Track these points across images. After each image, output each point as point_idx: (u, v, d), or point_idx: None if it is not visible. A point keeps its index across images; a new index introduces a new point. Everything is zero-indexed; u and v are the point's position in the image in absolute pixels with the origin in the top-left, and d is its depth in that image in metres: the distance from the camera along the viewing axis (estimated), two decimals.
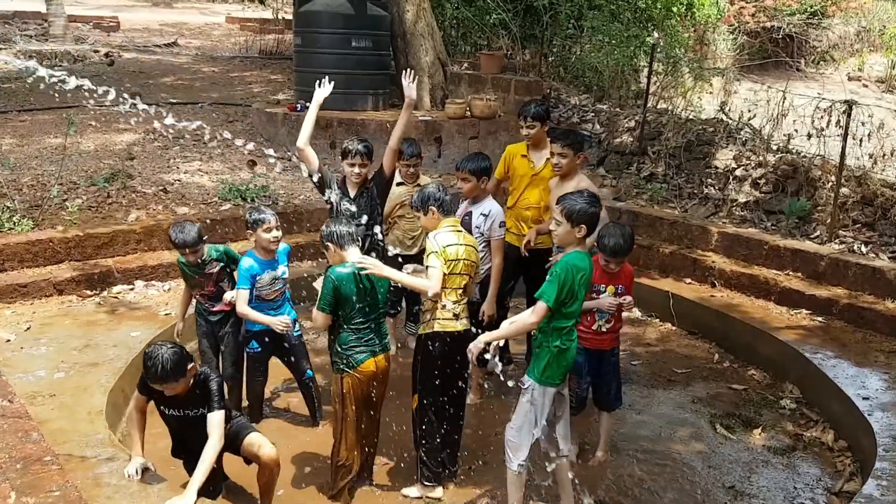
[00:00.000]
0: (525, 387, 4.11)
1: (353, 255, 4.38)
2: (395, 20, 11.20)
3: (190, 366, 3.95)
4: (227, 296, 5.18)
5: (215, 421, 4.01)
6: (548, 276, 3.97)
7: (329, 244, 4.44)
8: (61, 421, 4.67)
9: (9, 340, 5.67)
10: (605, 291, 4.74)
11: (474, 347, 4.07)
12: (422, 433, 4.60)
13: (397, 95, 11.59)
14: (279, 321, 5.04)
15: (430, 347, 4.48)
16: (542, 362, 4.07)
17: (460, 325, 4.51)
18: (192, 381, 4.02)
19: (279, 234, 5.10)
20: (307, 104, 10.32)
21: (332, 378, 4.56)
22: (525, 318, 4.09)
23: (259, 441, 4.21)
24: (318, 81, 5.42)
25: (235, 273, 5.27)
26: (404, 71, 5.45)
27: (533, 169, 5.74)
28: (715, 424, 5.52)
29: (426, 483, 4.61)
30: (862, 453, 4.96)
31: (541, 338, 4.09)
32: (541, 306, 3.93)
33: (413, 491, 4.64)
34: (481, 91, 10.93)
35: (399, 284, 4.57)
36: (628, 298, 4.77)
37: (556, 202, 4.15)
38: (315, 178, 5.27)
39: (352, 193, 5.31)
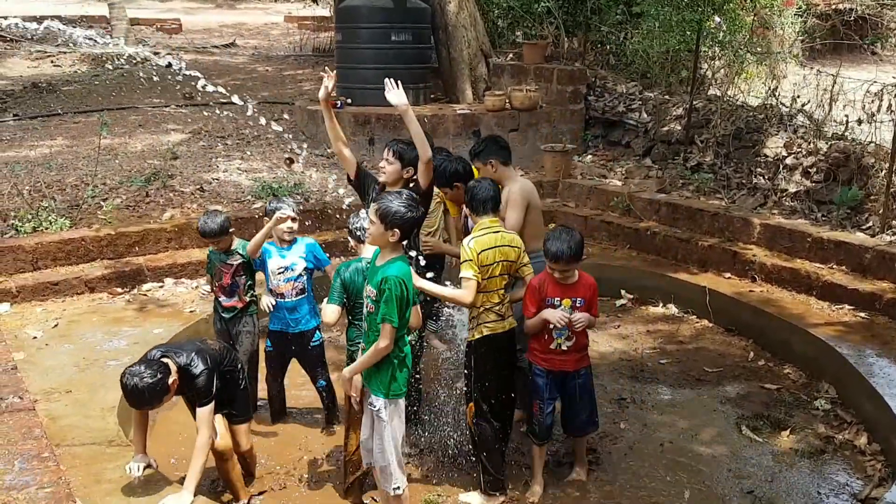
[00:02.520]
0: (376, 408, 3.90)
1: (367, 251, 4.34)
2: (436, 12, 11.11)
3: (171, 380, 3.90)
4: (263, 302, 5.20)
5: (202, 417, 4.03)
6: (382, 297, 3.75)
7: (350, 238, 4.52)
8: (74, 417, 4.75)
9: (35, 337, 5.82)
10: (560, 305, 4.35)
11: (348, 385, 4.03)
12: (481, 441, 4.47)
13: (439, 89, 11.54)
14: (265, 299, 5.10)
15: (481, 352, 4.38)
16: (385, 376, 3.88)
17: (507, 324, 4.41)
18: (176, 387, 4.00)
19: (294, 226, 5.09)
20: (347, 101, 10.43)
21: None
22: (377, 345, 3.82)
23: (238, 433, 4.44)
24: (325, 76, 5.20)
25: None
26: (386, 79, 4.72)
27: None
28: (741, 426, 5.27)
29: (490, 492, 4.48)
30: (895, 457, 4.66)
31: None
32: (388, 329, 3.76)
33: (474, 498, 4.51)
34: (524, 82, 10.75)
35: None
36: (580, 316, 4.29)
37: (374, 200, 3.86)
38: (353, 179, 4.96)
39: None
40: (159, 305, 6.51)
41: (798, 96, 8.99)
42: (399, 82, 4.64)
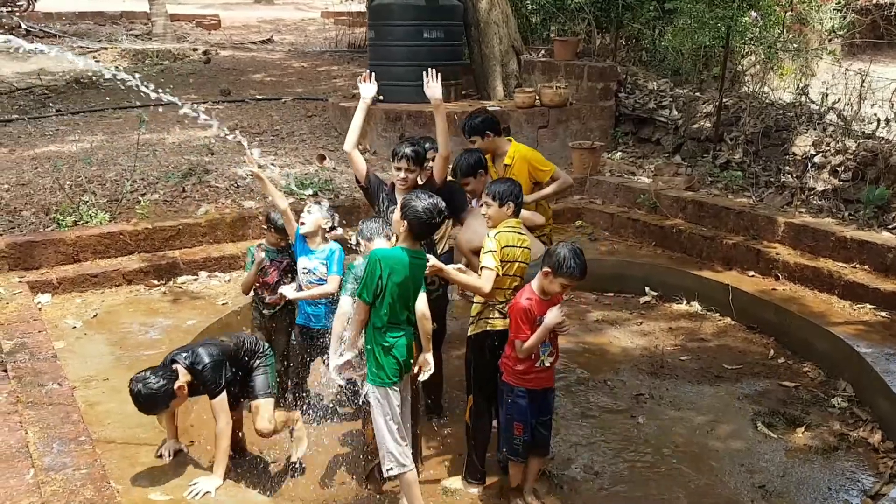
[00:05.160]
0: (366, 394, 4.14)
1: (378, 245, 4.51)
2: (468, 9, 11.25)
3: (177, 385, 4.10)
4: (283, 289, 5.35)
5: (216, 407, 4.22)
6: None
7: (360, 240, 4.62)
8: (110, 403, 4.96)
9: (75, 327, 6.07)
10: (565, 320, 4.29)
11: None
12: (475, 432, 4.65)
13: (471, 85, 11.67)
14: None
15: (481, 347, 4.52)
16: (371, 364, 4.13)
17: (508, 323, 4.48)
18: (188, 388, 4.19)
19: (303, 216, 5.20)
20: (380, 98, 10.60)
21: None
22: (353, 317, 4.18)
23: (259, 410, 4.53)
24: (359, 77, 5.27)
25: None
26: (425, 71, 5.01)
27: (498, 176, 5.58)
28: (757, 422, 5.35)
29: (470, 480, 4.67)
30: None
31: (366, 340, 4.16)
32: (357, 303, 4.09)
33: (455, 483, 4.70)
34: (554, 78, 10.83)
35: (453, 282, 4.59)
36: (567, 322, 4.30)
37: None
38: (362, 184, 5.23)
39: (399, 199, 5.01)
40: (193, 297, 6.74)
41: (827, 94, 8.96)
42: (439, 75, 4.86)
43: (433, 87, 4.88)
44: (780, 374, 6.07)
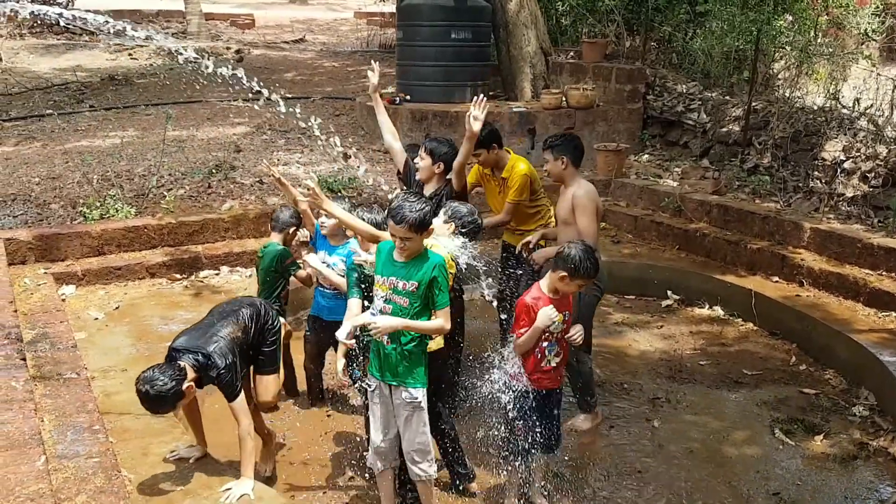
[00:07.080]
0: (418, 399, 3.94)
1: (373, 246, 4.51)
2: (497, 10, 11.22)
3: (186, 386, 3.95)
4: (308, 257, 5.33)
5: (237, 409, 4.13)
6: (435, 285, 3.79)
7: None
8: (127, 394, 4.97)
9: (97, 319, 6.16)
10: (555, 321, 4.13)
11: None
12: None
13: (498, 86, 11.64)
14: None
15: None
16: (420, 367, 3.95)
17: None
18: (195, 388, 4.09)
19: (326, 221, 5.19)
20: (406, 97, 10.62)
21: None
22: (442, 326, 3.85)
23: (264, 384, 4.54)
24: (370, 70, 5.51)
25: None
26: (476, 97, 4.91)
27: (498, 186, 5.64)
28: (774, 429, 5.27)
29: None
30: None
31: (412, 346, 3.91)
32: (447, 311, 3.82)
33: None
34: (582, 80, 10.78)
35: None
36: (578, 329, 4.22)
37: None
38: (401, 175, 5.44)
39: (426, 193, 5.13)
40: (214, 291, 6.81)
41: (860, 99, 8.82)
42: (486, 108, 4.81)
43: (477, 120, 4.77)
44: (800, 380, 5.98)
